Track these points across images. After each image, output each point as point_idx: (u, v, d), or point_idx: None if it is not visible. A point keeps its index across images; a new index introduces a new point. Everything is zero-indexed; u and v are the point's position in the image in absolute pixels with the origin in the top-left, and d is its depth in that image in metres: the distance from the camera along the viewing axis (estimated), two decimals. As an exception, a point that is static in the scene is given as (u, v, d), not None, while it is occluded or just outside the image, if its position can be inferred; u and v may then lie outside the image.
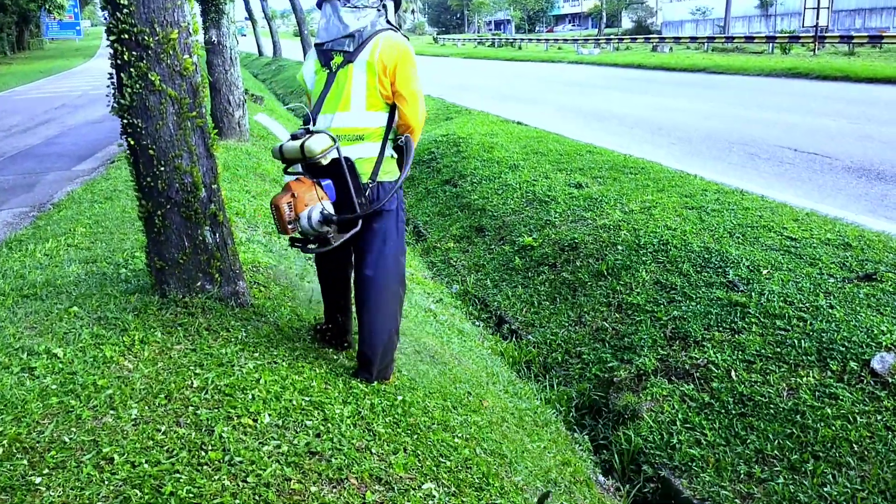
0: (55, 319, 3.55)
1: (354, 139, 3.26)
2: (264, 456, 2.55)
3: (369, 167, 3.27)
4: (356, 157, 3.23)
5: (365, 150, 3.27)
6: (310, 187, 3.13)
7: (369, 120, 3.27)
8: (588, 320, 5.66)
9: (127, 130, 3.58)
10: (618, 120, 13.70)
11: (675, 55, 32.92)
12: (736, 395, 4.25)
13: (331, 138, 3.11)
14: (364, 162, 3.26)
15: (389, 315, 3.44)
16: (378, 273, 3.36)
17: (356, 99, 3.24)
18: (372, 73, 3.22)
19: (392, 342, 3.48)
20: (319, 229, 3.10)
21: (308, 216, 3.08)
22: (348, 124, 3.26)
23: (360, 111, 3.26)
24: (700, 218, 6.40)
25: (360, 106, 3.25)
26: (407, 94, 3.26)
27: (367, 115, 3.26)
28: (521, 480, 3.21)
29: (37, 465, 2.38)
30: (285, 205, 3.07)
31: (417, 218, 9.35)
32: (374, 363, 3.41)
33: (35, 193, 8.93)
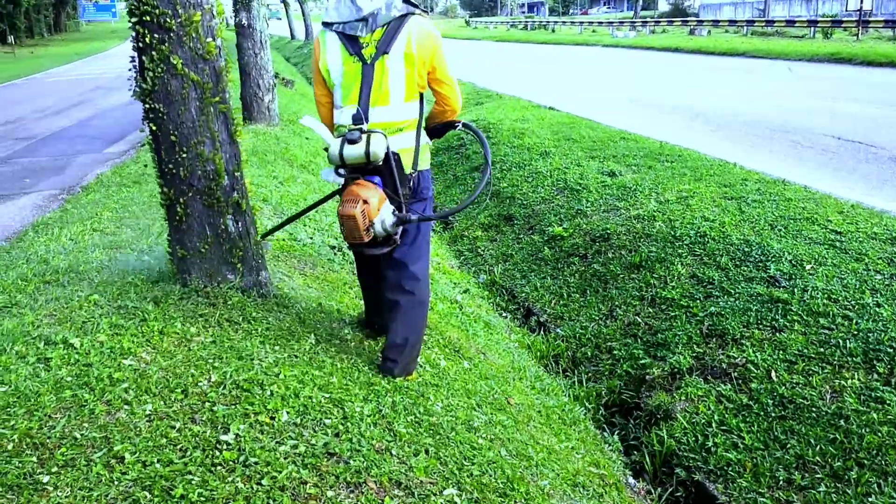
0: (75, 307, 3.49)
1: (395, 131, 3.20)
2: (280, 457, 2.44)
3: (410, 158, 3.24)
4: (397, 148, 3.19)
5: (405, 140, 3.22)
6: (375, 190, 3.06)
7: (408, 112, 3.21)
8: (620, 314, 5.49)
9: (149, 115, 3.49)
10: (654, 106, 13.40)
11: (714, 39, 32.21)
12: (776, 396, 4.07)
13: (384, 136, 3.05)
14: (405, 153, 3.22)
15: (416, 305, 3.39)
16: (411, 261, 3.34)
17: (395, 92, 3.16)
18: (411, 65, 3.13)
19: (418, 336, 3.43)
20: (394, 231, 3.09)
21: (382, 220, 3.04)
22: (389, 118, 3.18)
23: (399, 104, 3.18)
24: (740, 209, 6.18)
25: (400, 99, 3.17)
26: (446, 79, 3.25)
27: (406, 106, 3.20)
28: (548, 484, 3.08)
29: (46, 463, 2.30)
30: (359, 214, 2.98)
31: (445, 205, 9.20)
32: (398, 361, 3.34)
33: (65, 176, 8.96)
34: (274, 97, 10.44)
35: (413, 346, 3.39)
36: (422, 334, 3.48)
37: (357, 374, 3.22)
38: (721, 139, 9.97)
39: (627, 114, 12.36)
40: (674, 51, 28.27)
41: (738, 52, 24.94)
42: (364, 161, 3.02)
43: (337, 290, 4.29)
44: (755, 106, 12.58)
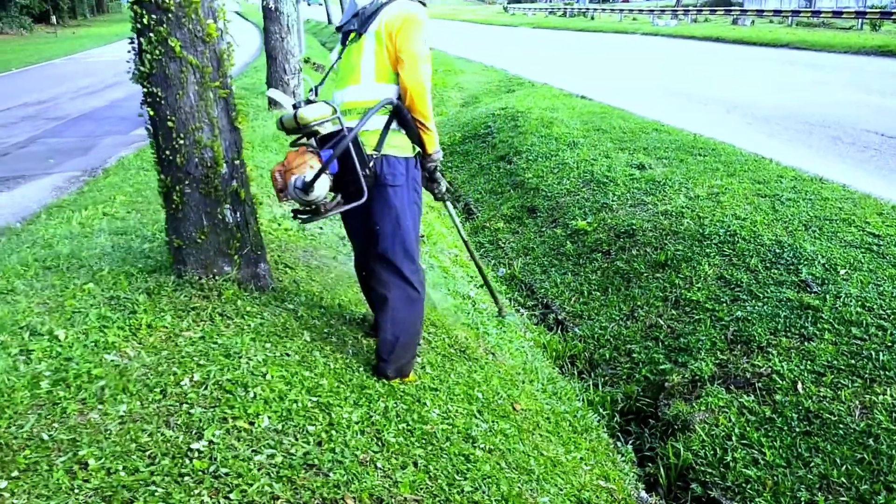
0: (68, 296, 3.38)
1: (364, 112, 3.11)
2: (254, 468, 2.29)
3: (374, 139, 3.11)
4: (361, 128, 3.05)
5: (371, 122, 3.09)
6: (301, 155, 3.05)
7: (378, 92, 3.13)
8: (641, 315, 5.25)
9: (147, 100, 3.37)
10: (690, 96, 13.01)
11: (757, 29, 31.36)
12: (801, 410, 3.82)
13: (330, 108, 3.03)
14: (369, 134, 3.12)
15: (406, 302, 3.24)
16: (394, 255, 3.19)
17: (366, 70, 3.16)
18: (380, 42, 3.12)
19: (411, 335, 3.27)
20: (301, 197, 2.96)
21: (293, 184, 2.97)
22: (359, 97, 3.17)
23: (369, 83, 3.15)
24: (773, 207, 5.89)
25: (370, 77, 3.15)
26: (404, 54, 3.07)
27: (376, 86, 3.14)
28: (548, 501, 2.90)
29: (7, 466, 2.18)
30: (277, 173, 3.07)
31: (469, 195, 9.00)
32: (387, 360, 3.19)
33: (90, 157, 8.95)
34: (300, 82, 10.31)
35: (406, 347, 3.23)
36: (416, 333, 3.32)
37: (350, 377, 3.06)
38: (757, 132, 9.60)
39: (662, 104, 12.01)
40: (715, 40, 27.56)
41: (781, 42, 24.20)
42: (294, 124, 3.01)
43: (341, 284, 4.13)
44: (795, 99, 12.13)
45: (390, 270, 3.21)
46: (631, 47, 25.95)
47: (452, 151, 10.66)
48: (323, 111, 3.00)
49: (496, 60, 20.60)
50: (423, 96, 3.11)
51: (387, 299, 3.21)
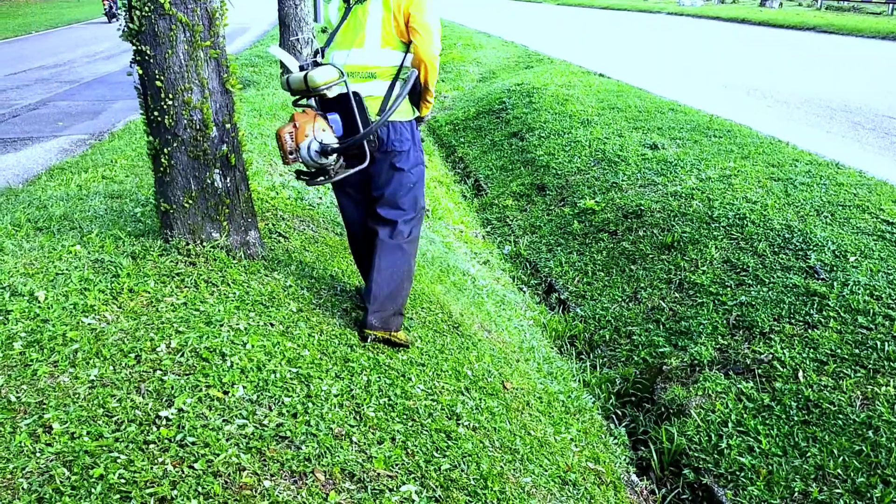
0: (55, 258, 3.32)
1: (367, 76, 3.19)
2: (223, 437, 2.23)
3: (377, 105, 3.18)
4: (366, 94, 3.14)
5: (375, 87, 3.18)
6: (312, 119, 3.06)
7: (383, 58, 3.17)
8: (644, 297, 5.14)
9: (136, 58, 3.28)
10: (711, 76, 12.75)
11: (784, 11, 30.72)
12: (801, 399, 3.72)
13: (338, 71, 3.03)
14: (373, 99, 3.18)
15: (399, 258, 3.28)
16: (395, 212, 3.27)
17: (371, 36, 3.15)
18: (387, 9, 3.13)
19: (397, 285, 3.27)
20: (318, 160, 3.01)
21: (308, 147, 3.00)
22: (362, 61, 3.18)
23: (374, 48, 3.16)
24: (786, 191, 5.73)
25: (375, 43, 3.16)
26: (419, 26, 3.10)
27: (381, 52, 3.17)
28: (531, 482, 2.82)
29: (-30, 427, 2.13)
30: (287, 135, 3.04)
31: (479, 171, 8.87)
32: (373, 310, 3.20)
33: (98, 121, 8.90)
34: (312, 51, 10.16)
35: (391, 297, 3.24)
36: (402, 285, 3.29)
37: (334, 349, 2.99)
38: (776, 116, 9.38)
39: (681, 84, 11.77)
40: (741, 22, 27.00)
41: (807, 26, 23.66)
42: (304, 87, 3.02)
43: (336, 255, 4.06)
44: (817, 83, 11.84)
45: (390, 227, 3.26)
46: (654, 26, 25.51)
47: (465, 127, 10.53)
48: (331, 75, 3.00)
49: (517, 36, 20.31)
50: (436, 68, 3.19)
51: (379, 251, 3.23)
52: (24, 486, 1.93)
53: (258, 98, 8.50)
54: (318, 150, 2.97)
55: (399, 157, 3.22)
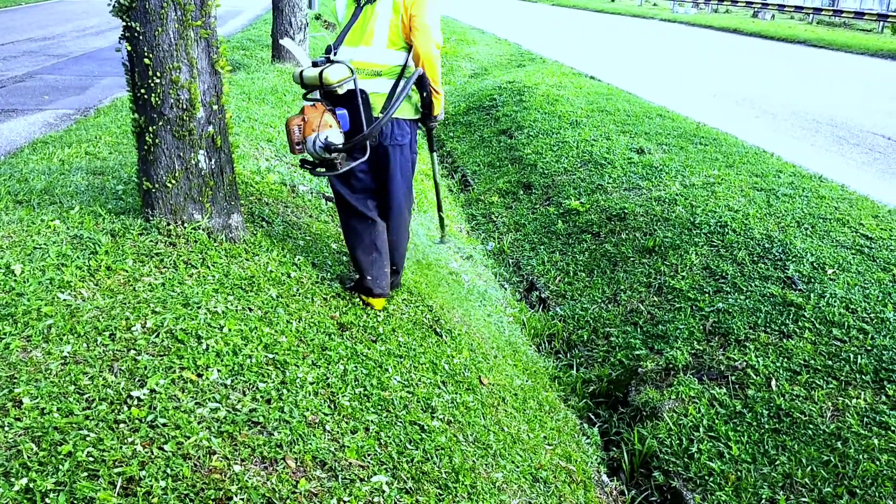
0: (33, 231, 3.28)
1: (373, 74, 3.37)
2: (195, 420, 2.22)
3: (381, 102, 3.36)
4: (371, 90, 3.34)
5: (380, 85, 3.37)
6: (321, 113, 3.21)
7: (388, 57, 3.36)
8: (623, 299, 5.17)
9: (125, 34, 3.24)
10: (700, 85, 12.82)
11: (776, 24, 30.92)
12: (772, 407, 3.76)
13: (349, 69, 3.19)
14: (377, 97, 3.36)
15: (405, 234, 3.75)
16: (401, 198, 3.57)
17: (379, 36, 3.33)
18: (396, 12, 3.30)
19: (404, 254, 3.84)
20: (322, 154, 3.18)
21: (314, 140, 3.17)
22: (369, 59, 3.36)
23: (381, 48, 3.34)
24: (768, 202, 5.78)
25: (382, 43, 3.34)
26: (420, 25, 3.27)
27: (388, 52, 3.35)
28: (502, 477, 2.83)
29: (-62, 398, 2.11)
30: (295, 126, 3.23)
31: (467, 167, 8.87)
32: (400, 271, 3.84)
33: (85, 96, 8.80)
34: (305, 37, 10.12)
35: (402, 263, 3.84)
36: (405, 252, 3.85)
37: (312, 336, 2.98)
38: (763, 127, 9.46)
39: (671, 90, 11.84)
40: (732, 31, 27.16)
41: (798, 39, 23.84)
42: (317, 83, 3.17)
43: (319, 243, 4.04)
44: (806, 96, 11.95)
45: (398, 211, 3.59)
46: (647, 32, 25.62)
47: (455, 122, 10.52)
48: (344, 73, 3.17)
49: (510, 34, 20.33)
50: (435, 64, 3.36)
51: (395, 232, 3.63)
52: (-10, 459, 1.91)
53: (248, 82, 8.44)
54: (323, 145, 3.15)
55: (400, 150, 3.45)
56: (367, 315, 3.49)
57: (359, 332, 3.30)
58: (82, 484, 1.86)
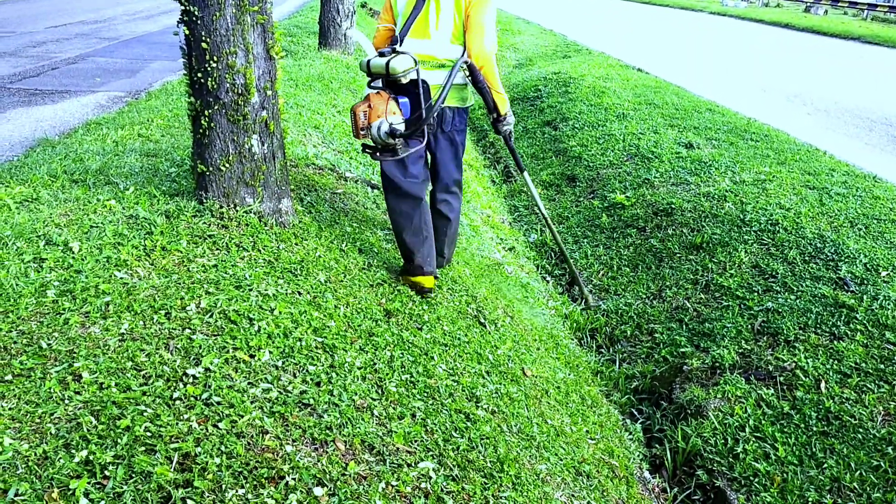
0: (90, 210, 3.36)
1: (436, 66, 3.50)
2: (247, 400, 2.25)
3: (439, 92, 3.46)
4: (433, 82, 3.48)
5: (440, 76, 3.48)
6: (385, 101, 3.34)
7: (450, 51, 3.49)
8: (668, 296, 5.11)
9: (183, 18, 3.29)
10: (750, 80, 12.58)
11: (829, 19, 30.20)
12: (821, 410, 3.69)
13: (413, 60, 3.32)
14: (436, 88, 3.47)
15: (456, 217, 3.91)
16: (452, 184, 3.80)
17: (442, 31, 3.47)
18: (459, 9, 3.44)
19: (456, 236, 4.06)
20: (385, 140, 3.32)
21: (378, 126, 3.31)
22: (432, 52, 3.49)
23: (444, 42, 3.48)
24: (820, 200, 5.66)
25: (446, 37, 3.47)
26: (475, 25, 3.41)
27: (450, 46, 3.48)
28: (546, 469, 2.83)
29: (2, 369, 2.17)
30: (361, 112, 3.36)
31: (509, 158, 8.84)
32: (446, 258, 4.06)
33: (135, 79, 8.95)
34: (352, 24, 10.15)
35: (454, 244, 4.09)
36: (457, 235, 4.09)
37: (359, 322, 3.00)
38: (815, 124, 9.25)
39: (720, 84, 11.64)
40: (784, 26, 26.60)
41: (852, 35, 23.25)
42: (383, 72, 3.31)
43: (366, 229, 4.06)
44: (859, 94, 11.65)
45: (450, 195, 3.82)
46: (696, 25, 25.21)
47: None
48: (409, 63, 3.30)
49: (556, 24, 20.15)
50: (491, 63, 3.51)
51: (446, 217, 3.84)
52: (51, 430, 1.96)
53: (295, 68, 8.50)
54: (388, 131, 3.29)
55: (457, 136, 3.67)
56: (412, 303, 3.50)
57: (405, 319, 3.31)
58: (140, 458, 1.90)
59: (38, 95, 7.78)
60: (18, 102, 7.40)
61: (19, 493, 1.74)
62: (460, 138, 3.72)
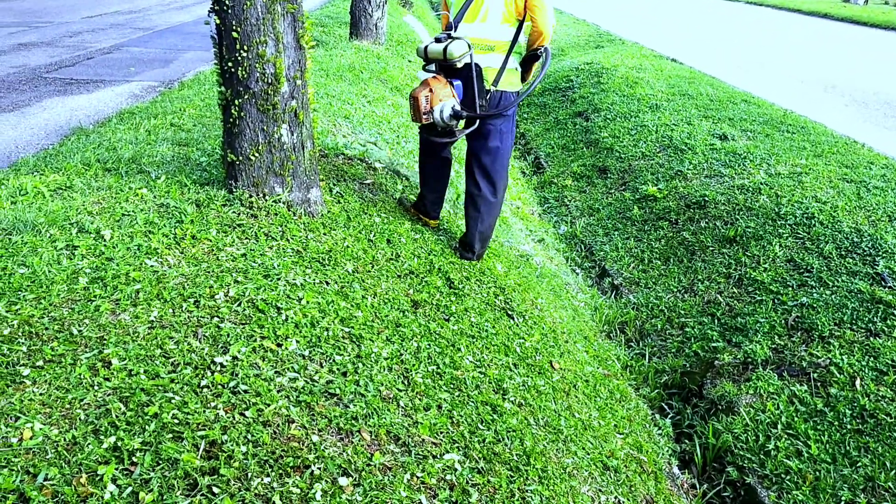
0: (122, 199, 3.39)
1: (486, 49, 3.66)
2: (274, 389, 2.26)
3: (492, 75, 3.67)
4: (485, 65, 3.65)
5: (492, 59, 3.67)
6: (444, 85, 3.58)
7: (501, 33, 3.64)
8: (700, 289, 5.04)
9: (214, 7, 3.29)
10: (786, 70, 12.33)
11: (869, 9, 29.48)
12: (856, 407, 3.61)
13: (467, 45, 3.52)
14: (490, 70, 3.67)
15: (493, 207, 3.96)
16: (494, 164, 3.87)
17: (494, 13, 3.61)
18: None
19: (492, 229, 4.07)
20: (448, 122, 3.56)
21: (441, 110, 3.54)
22: (484, 35, 3.65)
23: (495, 25, 3.63)
24: (858, 194, 5.53)
25: (497, 20, 3.62)
26: (539, 4, 3.55)
27: (501, 28, 3.63)
28: (572, 463, 2.80)
29: (34, 355, 2.20)
30: (423, 97, 3.54)
31: (540, 149, 8.77)
32: (475, 249, 4.04)
33: (169, 69, 9.03)
34: (383, 14, 10.13)
35: (488, 238, 4.06)
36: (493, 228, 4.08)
37: (386, 312, 3.00)
38: (853, 116, 9.04)
39: (756, 75, 11.42)
40: (822, 16, 26.01)
41: (893, 25, 22.69)
42: (441, 57, 3.53)
43: (394, 220, 4.05)
44: (900, 85, 11.35)
45: (488, 180, 3.89)
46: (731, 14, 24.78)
47: (529, 103, 10.41)
48: (464, 48, 3.51)
49: (588, 14, 19.94)
50: (551, 36, 3.70)
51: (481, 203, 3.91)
52: (81, 416, 1.98)
53: (326, 58, 8.51)
54: (451, 113, 3.53)
55: (505, 120, 3.79)
56: (440, 294, 3.48)
57: (432, 310, 3.30)
58: (167, 445, 1.91)
59: (73, 84, 7.89)
60: (54, 91, 7.50)
61: (48, 478, 1.76)
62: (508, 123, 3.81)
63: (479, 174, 3.89)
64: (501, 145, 3.83)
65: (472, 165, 3.91)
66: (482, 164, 3.86)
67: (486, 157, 3.85)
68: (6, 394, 2.03)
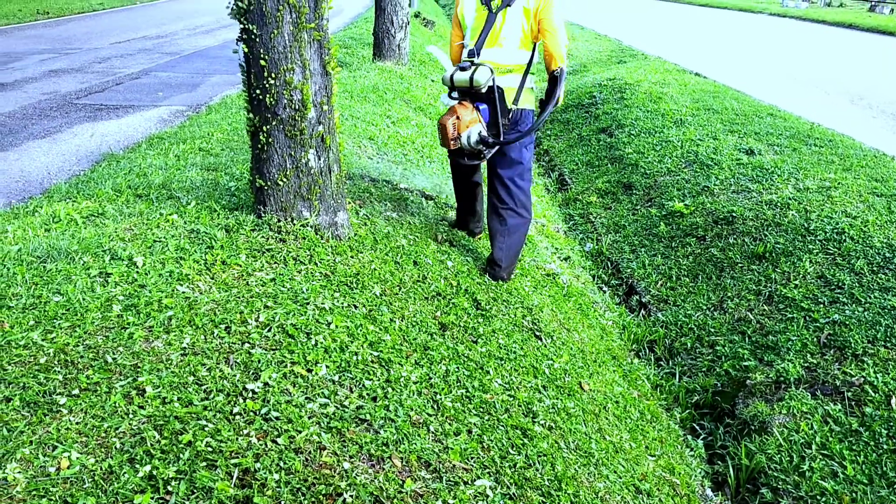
0: (153, 225, 3.44)
1: (505, 71, 3.81)
2: (305, 415, 2.27)
3: (512, 95, 3.84)
4: (505, 86, 3.81)
5: (511, 80, 3.83)
6: (471, 111, 3.74)
7: (519, 57, 3.80)
8: (730, 307, 4.98)
9: (242, 37, 3.35)
10: (812, 83, 12.23)
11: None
12: (892, 427, 3.55)
13: (491, 70, 3.67)
14: (509, 91, 3.84)
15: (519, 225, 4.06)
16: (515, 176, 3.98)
17: (511, 39, 3.76)
18: (527, 17, 3.73)
19: (520, 248, 4.13)
20: (476, 147, 3.76)
21: (468, 136, 3.72)
22: (502, 60, 3.80)
23: (512, 49, 3.78)
24: (889, 208, 5.45)
25: (514, 45, 3.78)
26: (549, 28, 3.71)
27: (518, 52, 3.79)
28: (604, 487, 2.78)
29: (70, 384, 2.23)
30: (451, 125, 3.70)
31: (564, 165, 8.76)
32: (502, 267, 4.06)
33: (196, 93, 9.17)
34: (406, 35, 10.22)
35: (515, 257, 4.11)
36: (521, 246, 4.16)
37: (415, 336, 3.00)
38: (881, 128, 8.93)
39: (782, 88, 11.34)
40: (847, 27, 25.76)
41: (922, 33, 22.41)
42: (468, 85, 3.68)
43: (420, 240, 4.07)
44: (931, 95, 11.20)
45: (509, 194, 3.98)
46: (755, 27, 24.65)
47: (552, 119, 10.42)
48: (489, 74, 3.66)
49: (610, 30, 19.95)
50: (564, 59, 3.80)
51: (507, 216, 4.01)
52: (116, 445, 2.01)
53: (350, 80, 8.60)
54: (478, 139, 3.72)
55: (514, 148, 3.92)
56: (467, 316, 3.49)
57: (460, 332, 3.30)
58: (202, 473, 1.93)
59: (103, 110, 8.04)
60: (84, 118, 7.66)
61: (86, 508, 1.78)
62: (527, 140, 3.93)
63: (501, 187, 3.99)
64: (522, 157, 3.96)
65: (494, 179, 4.02)
66: (504, 177, 3.97)
67: (508, 170, 3.96)
68: (44, 423, 2.06)
